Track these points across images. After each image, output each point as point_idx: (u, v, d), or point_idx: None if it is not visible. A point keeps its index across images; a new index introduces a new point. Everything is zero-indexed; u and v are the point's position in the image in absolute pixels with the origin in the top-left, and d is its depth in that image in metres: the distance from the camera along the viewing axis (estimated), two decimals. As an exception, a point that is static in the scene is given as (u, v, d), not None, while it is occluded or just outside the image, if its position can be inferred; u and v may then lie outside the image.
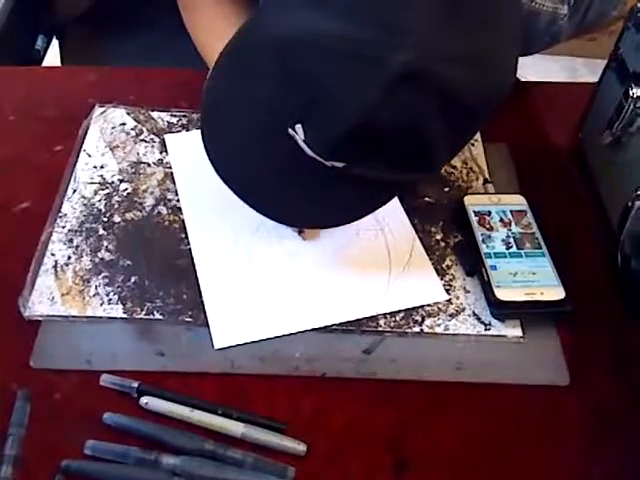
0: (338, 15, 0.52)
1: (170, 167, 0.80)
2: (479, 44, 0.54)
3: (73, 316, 0.66)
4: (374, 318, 0.68)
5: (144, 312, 0.67)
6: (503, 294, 0.68)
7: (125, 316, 0.67)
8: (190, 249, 0.72)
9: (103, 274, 0.70)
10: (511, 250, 0.71)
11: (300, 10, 0.53)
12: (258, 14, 0.59)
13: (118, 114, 0.85)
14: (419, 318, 0.68)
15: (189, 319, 0.67)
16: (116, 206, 0.76)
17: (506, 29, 0.57)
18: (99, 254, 0.71)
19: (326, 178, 0.57)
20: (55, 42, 1.18)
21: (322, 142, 0.55)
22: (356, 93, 0.52)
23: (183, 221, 0.74)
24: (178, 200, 0.77)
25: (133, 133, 0.83)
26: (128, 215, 0.75)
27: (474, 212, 0.75)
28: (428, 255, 0.73)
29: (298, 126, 0.55)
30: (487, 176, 0.81)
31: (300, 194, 0.60)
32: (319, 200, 0.60)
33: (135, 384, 0.61)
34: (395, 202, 0.77)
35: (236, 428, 0.59)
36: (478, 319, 0.69)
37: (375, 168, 0.56)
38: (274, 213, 0.65)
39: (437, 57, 0.52)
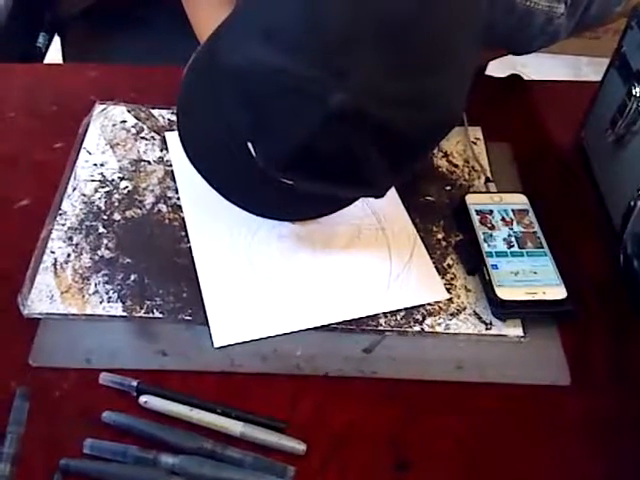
0: (285, 51, 0.55)
1: (171, 165, 0.80)
2: (421, 87, 0.57)
3: (72, 314, 0.66)
4: (374, 317, 0.68)
5: (144, 310, 0.67)
6: (504, 293, 0.68)
7: (125, 314, 0.66)
8: (190, 247, 0.72)
9: (103, 272, 0.69)
10: (513, 249, 0.71)
11: (250, 42, 0.57)
12: (215, 40, 0.63)
13: (119, 111, 0.85)
14: (420, 317, 0.68)
15: (189, 317, 0.67)
16: (116, 204, 0.76)
17: (454, 70, 0.59)
18: (99, 252, 0.71)
19: (286, 190, 0.62)
20: (57, 39, 1.18)
21: (269, 162, 0.60)
22: (297, 123, 0.56)
23: (183, 219, 0.74)
24: (178, 198, 0.76)
25: (134, 131, 0.83)
26: (128, 213, 0.75)
27: (476, 211, 0.74)
28: (429, 254, 0.73)
29: (250, 144, 0.60)
30: (489, 175, 0.81)
31: (267, 194, 0.65)
32: (287, 199, 0.65)
33: (134, 382, 0.61)
34: (396, 201, 0.77)
35: (235, 427, 0.59)
36: (479, 318, 0.68)
37: (321, 187, 0.60)
38: (251, 208, 0.70)
39: (374, 99, 0.55)
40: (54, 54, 1.18)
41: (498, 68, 1.04)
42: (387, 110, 0.55)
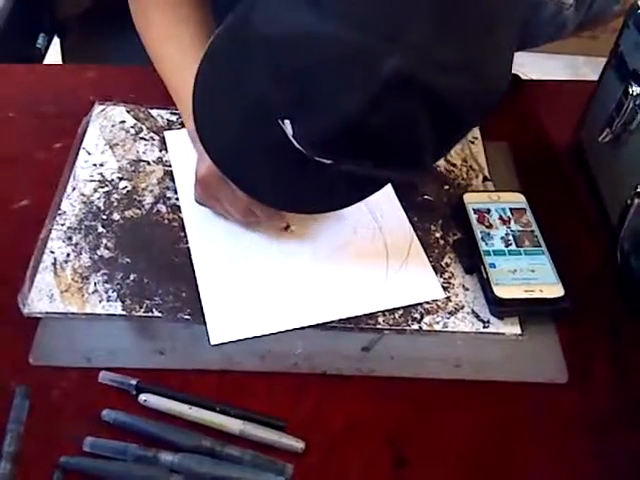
0: (333, 17, 0.52)
1: (170, 165, 0.80)
2: (472, 52, 0.55)
3: (72, 313, 0.66)
4: (373, 315, 0.68)
5: (143, 309, 0.67)
6: (502, 291, 0.68)
7: (124, 313, 0.67)
8: (189, 247, 0.72)
9: (102, 271, 0.70)
10: (510, 248, 0.71)
11: (295, 9, 0.53)
12: (249, 8, 0.58)
13: (118, 112, 0.85)
14: (418, 316, 0.68)
15: (188, 317, 0.67)
16: (115, 204, 0.76)
17: (501, 36, 0.57)
18: (98, 252, 0.71)
19: (313, 168, 0.58)
20: (56, 40, 1.18)
21: (310, 139, 0.56)
22: (346, 95, 0.52)
23: (182, 219, 0.75)
24: (177, 198, 0.77)
25: (133, 131, 0.84)
26: (127, 213, 0.75)
27: (473, 210, 0.75)
28: (427, 253, 0.73)
29: (287, 121, 0.55)
30: (487, 174, 0.81)
31: (287, 180, 0.61)
32: (305, 187, 0.61)
33: (134, 381, 0.61)
34: (394, 200, 0.78)
35: (235, 425, 0.59)
36: (477, 317, 0.69)
37: (362, 166, 0.57)
38: (262, 196, 0.66)
39: (428, 64, 0.52)
40: (53, 56, 1.18)
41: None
42: (440, 76, 0.52)
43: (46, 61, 1.16)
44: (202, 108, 0.63)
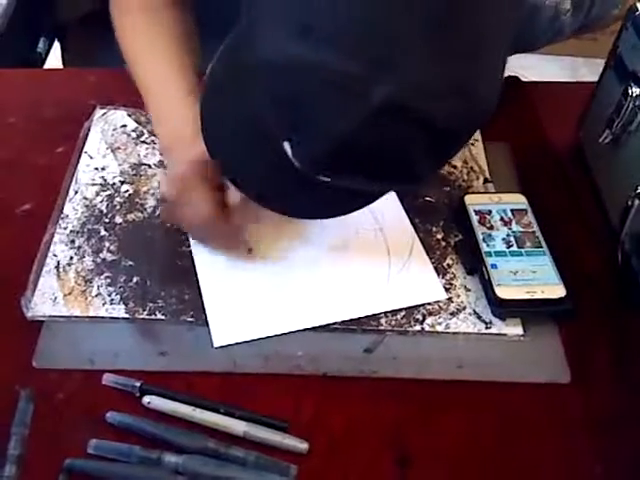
0: (325, 46, 0.53)
1: (171, 168, 0.80)
2: (462, 76, 0.56)
3: (75, 316, 0.67)
4: (375, 317, 0.68)
5: (146, 312, 0.67)
6: (504, 292, 0.68)
7: (127, 316, 0.67)
8: (191, 250, 0.72)
9: (105, 274, 0.70)
10: (512, 249, 0.72)
11: (287, 37, 0.55)
12: (247, 32, 0.60)
13: (119, 116, 0.86)
14: (420, 317, 0.69)
15: (191, 319, 0.67)
16: (117, 207, 0.76)
17: (491, 57, 0.58)
18: (101, 255, 0.72)
19: (315, 184, 0.59)
20: (57, 44, 1.19)
21: (307, 160, 0.57)
22: (338, 120, 0.54)
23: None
24: (179, 201, 0.77)
25: (134, 135, 0.84)
26: (129, 216, 0.75)
27: (474, 211, 0.75)
28: (428, 254, 0.74)
29: (286, 143, 0.57)
30: (487, 175, 0.82)
31: (290, 193, 0.62)
32: (308, 199, 0.63)
33: (137, 383, 0.61)
34: (395, 201, 0.78)
35: (238, 427, 0.60)
36: (479, 318, 0.69)
37: (359, 182, 0.58)
38: (270, 204, 0.67)
39: (419, 91, 0.53)
40: (53, 60, 1.18)
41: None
42: (430, 102, 0.54)
43: (46, 65, 1.16)
44: (208, 124, 0.64)
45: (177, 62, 0.75)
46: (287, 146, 0.57)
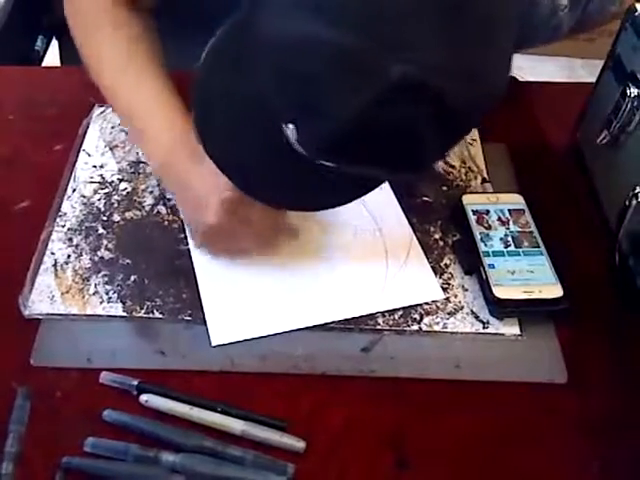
0: (336, 23, 0.52)
1: (169, 166, 0.80)
2: (474, 59, 0.55)
3: (73, 314, 0.67)
4: (372, 316, 0.68)
5: (144, 311, 0.67)
6: (501, 292, 0.68)
7: (125, 314, 0.67)
8: (189, 249, 0.72)
9: (103, 273, 0.70)
10: (509, 249, 0.72)
11: (298, 15, 0.54)
12: (252, 11, 0.59)
13: (117, 114, 0.86)
14: (417, 316, 0.69)
15: (188, 318, 0.67)
16: (115, 205, 0.76)
17: (503, 42, 0.58)
18: (99, 253, 0.72)
19: (316, 170, 0.58)
20: (54, 43, 1.19)
21: (313, 144, 0.56)
22: (350, 101, 0.53)
23: (182, 221, 0.75)
24: (177, 199, 0.77)
25: (132, 133, 0.84)
26: (128, 214, 0.75)
27: (472, 211, 0.75)
28: (426, 254, 0.74)
29: (290, 126, 0.56)
30: (485, 175, 0.82)
31: (288, 180, 0.61)
32: (306, 187, 0.61)
33: (135, 382, 0.61)
34: (393, 202, 0.78)
35: (236, 425, 0.60)
36: (476, 317, 0.69)
37: (365, 168, 0.57)
38: (262, 196, 0.65)
39: (434, 71, 0.53)
40: (51, 58, 1.18)
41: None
42: (446, 82, 0.53)
43: (44, 63, 1.16)
44: (202, 110, 0.63)
45: (154, 80, 0.73)
46: (290, 129, 0.56)
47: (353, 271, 0.72)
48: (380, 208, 0.77)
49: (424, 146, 0.56)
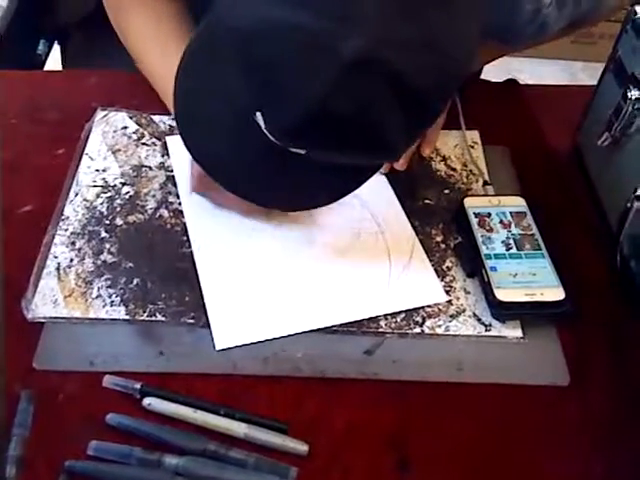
0: (293, 5, 0.53)
1: (172, 170, 0.80)
2: (431, 30, 0.55)
3: (76, 318, 0.67)
4: (375, 319, 0.68)
5: (146, 314, 0.67)
6: (503, 295, 0.68)
7: (127, 318, 0.67)
8: (192, 252, 0.72)
9: (105, 276, 0.70)
10: (511, 251, 0.72)
11: (258, 1, 0.55)
12: (219, 6, 0.60)
13: (120, 118, 0.86)
14: (420, 319, 0.69)
15: (191, 321, 0.67)
16: (118, 209, 0.76)
17: (461, 13, 0.58)
18: (101, 256, 0.72)
19: (294, 164, 0.59)
20: (56, 47, 1.19)
21: (281, 129, 0.57)
22: (309, 81, 0.53)
23: (185, 224, 0.75)
24: (180, 203, 0.77)
25: (135, 137, 0.84)
26: (130, 218, 0.75)
27: (474, 214, 0.75)
28: (428, 257, 0.74)
29: (259, 114, 0.56)
30: (487, 178, 0.82)
31: (272, 178, 0.62)
32: (290, 184, 0.62)
33: (138, 385, 0.62)
34: (395, 204, 0.78)
35: (239, 429, 0.60)
36: (478, 320, 0.69)
37: (335, 154, 0.58)
38: (252, 197, 0.67)
39: (388, 44, 0.53)
40: (53, 63, 1.18)
41: (494, 73, 1.04)
42: (400, 55, 0.53)
43: (46, 67, 1.16)
44: (182, 111, 0.64)
45: (179, 45, 0.75)
46: (259, 118, 0.56)
47: (356, 274, 0.72)
48: (382, 211, 0.77)
49: (387, 127, 0.56)
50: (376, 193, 0.78)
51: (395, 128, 0.57)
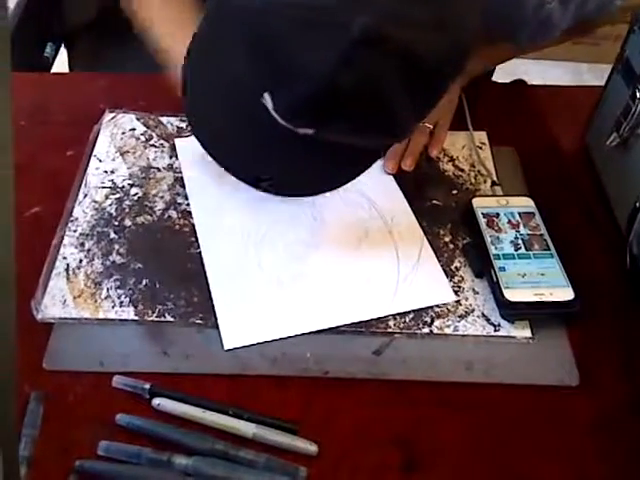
0: None
1: (180, 172, 0.81)
2: (440, 9, 0.55)
3: (85, 318, 0.67)
4: (383, 319, 0.68)
5: (155, 314, 0.68)
6: (512, 295, 0.68)
7: (136, 318, 0.67)
8: (200, 252, 0.73)
9: (114, 277, 0.70)
10: (520, 251, 0.72)
11: None
12: None
13: (128, 119, 0.86)
14: (428, 319, 0.69)
15: (200, 321, 0.67)
16: (127, 210, 0.76)
17: None
18: (110, 257, 0.72)
19: (302, 147, 0.59)
20: (63, 50, 1.19)
21: (289, 109, 0.56)
22: (319, 57, 0.53)
23: (193, 225, 0.75)
24: (188, 204, 0.77)
25: (143, 138, 0.84)
26: (139, 219, 0.76)
27: (482, 214, 0.75)
28: (437, 257, 0.74)
29: (267, 95, 0.56)
30: (495, 179, 0.82)
31: (280, 164, 0.62)
32: (298, 169, 0.62)
33: (147, 385, 0.62)
34: (404, 204, 0.78)
35: (248, 429, 0.60)
36: (487, 320, 0.69)
37: (343, 133, 0.58)
38: (256, 184, 0.66)
39: (397, 22, 0.53)
40: (59, 66, 1.19)
41: (500, 75, 1.05)
42: (408, 33, 0.53)
43: (53, 70, 1.17)
44: (190, 94, 0.64)
45: (189, 17, 0.74)
46: (267, 99, 0.56)
47: (364, 274, 0.72)
48: (390, 211, 0.77)
49: (395, 105, 0.56)
50: (384, 193, 0.79)
51: (403, 106, 0.57)
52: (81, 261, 0.71)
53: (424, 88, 0.58)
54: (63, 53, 1.19)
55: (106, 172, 0.80)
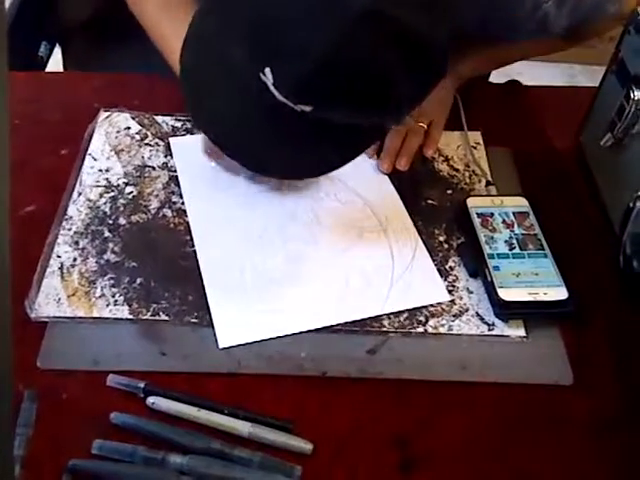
0: None
1: (175, 170, 0.80)
2: None
3: (79, 317, 0.67)
4: (378, 318, 0.68)
5: (150, 313, 0.67)
6: (506, 294, 0.68)
7: (131, 317, 0.67)
8: (195, 251, 0.73)
9: (109, 275, 0.70)
10: (514, 251, 0.72)
11: None
12: None
13: (123, 118, 0.86)
14: (423, 319, 0.69)
15: (194, 320, 0.67)
16: (121, 209, 0.76)
17: None
18: (105, 256, 0.72)
19: (299, 127, 0.59)
20: (58, 49, 1.19)
21: (289, 83, 0.57)
22: (317, 34, 0.54)
23: (188, 223, 0.75)
24: (183, 203, 0.77)
25: (138, 137, 0.84)
26: (133, 218, 0.76)
27: (477, 214, 0.75)
28: (431, 256, 0.74)
29: (267, 70, 0.57)
30: (489, 178, 0.82)
31: (278, 146, 0.62)
32: (296, 151, 0.63)
33: (141, 384, 0.62)
34: (398, 203, 0.78)
35: (243, 427, 0.60)
36: (481, 319, 0.69)
37: (340, 111, 0.58)
38: (255, 166, 0.68)
39: (398, 2, 0.55)
40: (54, 65, 1.18)
41: (494, 76, 1.05)
42: (407, 12, 0.55)
43: (47, 69, 1.16)
44: (188, 78, 0.64)
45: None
46: (268, 75, 0.57)
47: (359, 273, 0.72)
48: (385, 210, 0.77)
49: (393, 83, 0.57)
50: (379, 193, 0.79)
51: (401, 84, 0.58)
52: (75, 260, 0.71)
53: (421, 67, 0.59)
54: (57, 52, 1.19)
55: (101, 171, 0.80)
